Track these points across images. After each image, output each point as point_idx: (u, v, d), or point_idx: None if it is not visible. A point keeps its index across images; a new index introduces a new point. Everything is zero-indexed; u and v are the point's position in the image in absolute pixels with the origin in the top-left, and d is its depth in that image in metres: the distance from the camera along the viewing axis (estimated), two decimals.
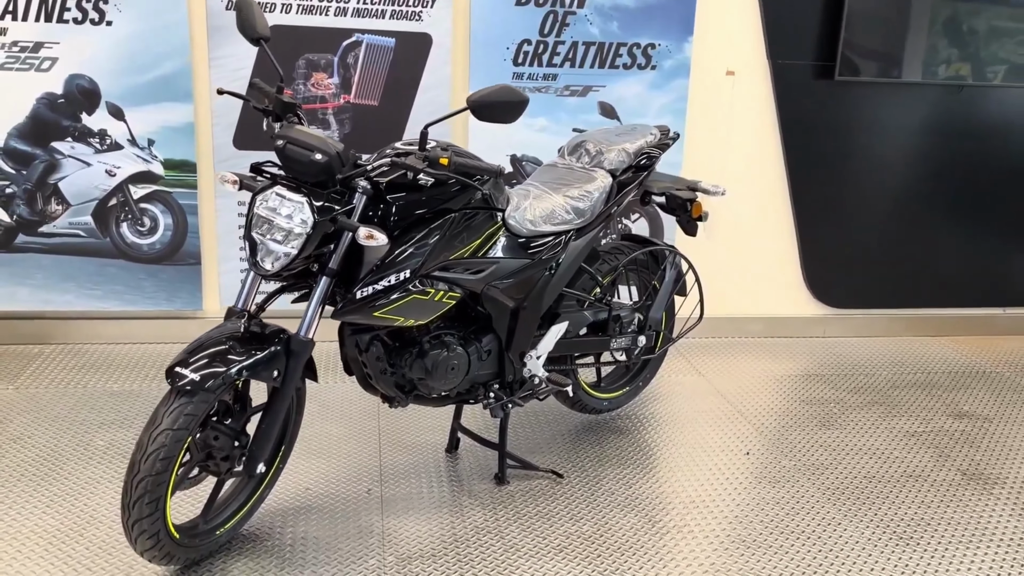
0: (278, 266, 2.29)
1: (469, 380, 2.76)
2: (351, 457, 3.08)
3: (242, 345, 2.29)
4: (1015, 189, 4.52)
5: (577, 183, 2.94)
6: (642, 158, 3.07)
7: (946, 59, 4.21)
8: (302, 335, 2.37)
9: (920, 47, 4.18)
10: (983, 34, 4.22)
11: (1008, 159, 4.47)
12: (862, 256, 4.47)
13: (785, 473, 3.11)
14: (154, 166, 3.81)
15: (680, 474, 3.07)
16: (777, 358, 4.23)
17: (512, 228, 2.72)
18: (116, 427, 3.22)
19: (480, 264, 2.63)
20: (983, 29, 4.22)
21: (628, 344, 3.20)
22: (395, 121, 3.90)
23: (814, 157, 4.29)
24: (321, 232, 2.28)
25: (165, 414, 2.15)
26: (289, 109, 2.47)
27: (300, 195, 2.27)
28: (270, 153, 3.92)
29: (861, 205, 4.40)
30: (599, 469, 3.07)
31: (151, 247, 3.89)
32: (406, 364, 2.63)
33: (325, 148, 2.26)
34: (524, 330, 2.82)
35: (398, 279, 2.42)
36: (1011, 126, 4.43)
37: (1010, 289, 4.69)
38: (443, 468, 3.04)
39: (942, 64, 4.22)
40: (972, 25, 4.20)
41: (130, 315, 3.96)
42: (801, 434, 3.42)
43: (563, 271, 2.87)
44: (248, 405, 2.44)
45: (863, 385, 3.94)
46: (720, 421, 3.50)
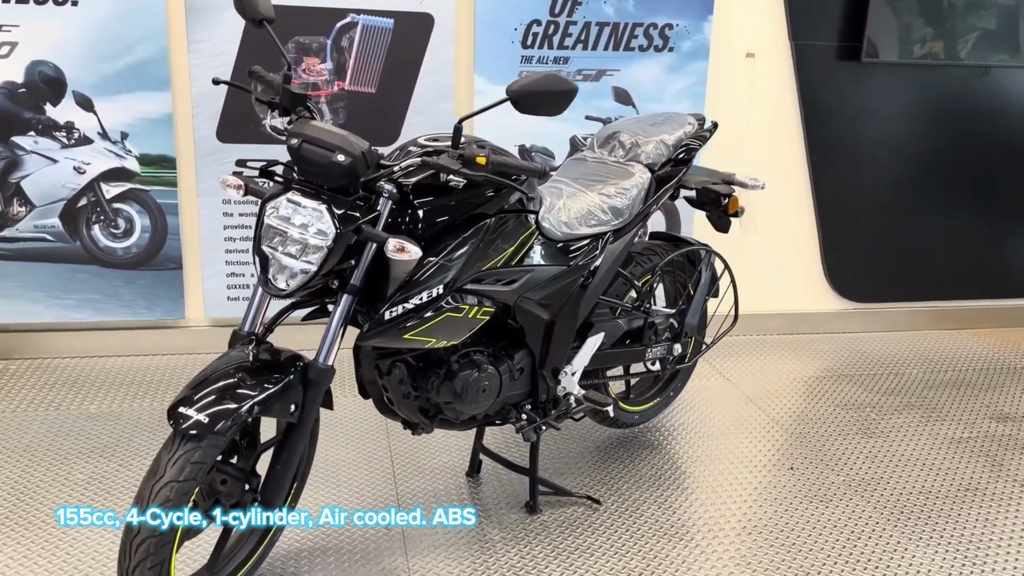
0: (295, 284, 1.98)
1: (500, 401, 2.48)
2: (364, 485, 2.78)
3: (253, 376, 1.97)
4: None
5: (613, 179, 2.65)
6: (681, 151, 2.79)
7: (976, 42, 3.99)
8: (321, 362, 2.06)
9: (950, 29, 3.95)
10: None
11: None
12: (884, 248, 4.25)
13: (835, 490, 2.87)
14: (128, 162, 3.45)
15: (725, 495, 2.81)
16: (801, 357, 4.00)
17: (546, 232, 2.43)
18: (97, 456, 2.88)
19: (514, 273, 2.34)
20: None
21: (663, 353, 2.94)
22: (394, 110, 3.58)
23: (837, 144, 4.05)
24: (344, 245, 1.97)
25: (168, 463, 1.84)
26: (299, 101, 2.14)
27: (318, 202, 1.96)
28: (260, 147, 3.66)
29: (884, 194, 4.17)
30: (637, 492, 2.81)
31: (127, 251, 3.54)
32: (432, 387, 2.33)
33: (348, 147, 1.94)
34: (559, 344, 2.53)
35: (430, 296, 2.12)
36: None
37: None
38: (466, 495, 2.75)
39: (968, 45, 3.99)
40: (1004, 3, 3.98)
41: (105, 326, 3.60)
42: (843, 444, 3.19)
43: (600, 277, 2.59)
44: (257, 441, 2.13)
45: (895, 386, 3.72)
46: (755, 431, 3.25)
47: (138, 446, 2.95)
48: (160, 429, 3.06)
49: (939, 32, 3.95)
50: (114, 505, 2.61)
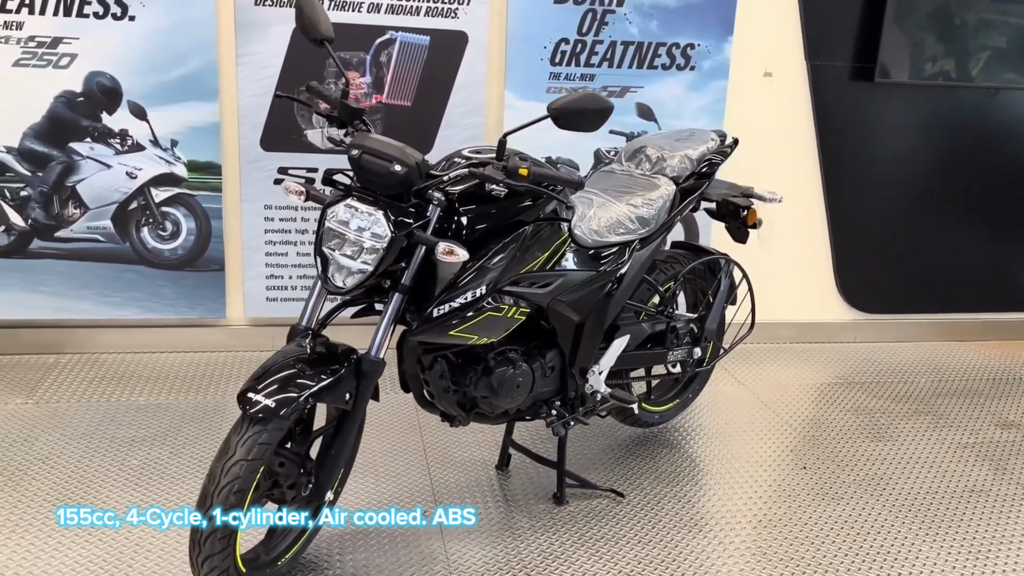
0: (352, 283, 2.15)
1: (532, 397, 2.65)
2: (400, 476, 2.95)
3: (311, 367, 2.15)
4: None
5: (640, 191, 2.83)
6: (704, 165, 2.97)
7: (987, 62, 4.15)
8: (373, 355, 2.23)
9: (961, 50, 4.11)
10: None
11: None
12: (895, 261, 4.41)
13: (846, 489, 3.02)
14: (177, 168, 3.64)
15: (741, 491, 2.97)
16: (812, 365, 4.16)
17: (578, 239, 2.61)
18: (148, 444, 3.05)
19: (548, 277, 2.51)
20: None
21: (684, 356, 3.10)
22: (428, 122, 3.76)
23: (850, 160, 4.21)
24: (397, 247, 2.15)
25: (238, 443, 2.01)
26: (356, 115, 2.32)
27: (375, 208, 2.14)
28: (300, 155, 3.85)
29: (895, 209, 4.34)
30: (658, 487, 2.97)
31: (172, 253, 3.72)
32: (471, 382, 2.50)
33: (405, 159, 2.12)
34: (588, 345, 2.70)
35: (474, 295, 2.30)
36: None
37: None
38: (497, 487, 2.92)
39: (982, 67, 4.16)
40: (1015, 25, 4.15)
41: (149, 323, 3.79)
42: (853, 446, 3.35)
43: (628, 283, 2.76)
44: (311, 428, 2.30)
45: (904, 393, 3.88)
46: (769, 433, 3.41)
47: (186, 436, 3.12)
48: (204, 420, 3.24)
49: (951, 52, 4.11)
50: (167, 490, 2.78)
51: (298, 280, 3.83)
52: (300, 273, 3.83)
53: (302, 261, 3.82)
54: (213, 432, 3.16)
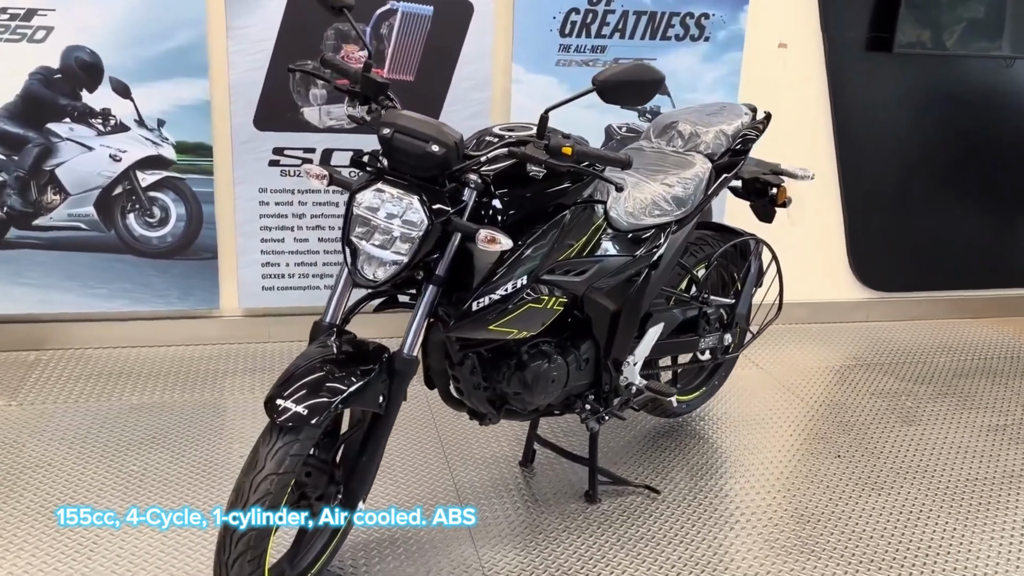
0: (385, 276, 1.96)
1: (566, 392, 2.48)
2: (421, 475, 2.77)
3: (341, 368, 1.96)
4: None
5: (674, 169, 2.66)
6: (739, 141, 2.80)
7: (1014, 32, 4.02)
8: (406, 352, 2.05)
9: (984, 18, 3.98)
10: None
11: None
12: (908, 238, 4.30)
13: (884, 477, 2.91)
14: (164, 150, 3.40)
15: (778, 483, 2.84)
16: (829, 345, 4.04)
17: (613, 222, 2.43)
18: (147, 447, 2.85)
19: (584, 264, 2.34)
20: None
21: (715, 343, 2.95)
22: (432, 97, 3.55)
23: (865, 134, 4.08)
24: (435, 236, 1.96)
25: (268, 456, 1.82)
26: (381, 90, 2.12)
27: (409, 193, 1.94)
28: (297, 135, 3.61)
29: (909, 184, 4.22)
30: (692, 481, 2.83)
31: (162, 240, 3.49)
32: (503, 378, 2.33)
33: (443, 138, 1.92)
34: (624, 334, 2.54)
35: (514, 287, 2.11)
36: None
37: None
38: (523, 485, 2.76)
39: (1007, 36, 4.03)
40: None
41: (139, 315, 3.56)
42: (884, 431, 3.23)
43: (664, 267, 2.60)
44: (338, 433, 2.12)
45: (925, 374, 3.77)
46: (796, 419, 3.29)
47: (187, 437, 2.92)
48: (203, 420, 3.04)
49: (972, 21, 3.97)
50: (172, 496, 2.59)
51: (295, 268, 3.62)
52: (298, 260, 3.61)
53: (299, 247, 3.60)
54: (214, 432, 2.96)
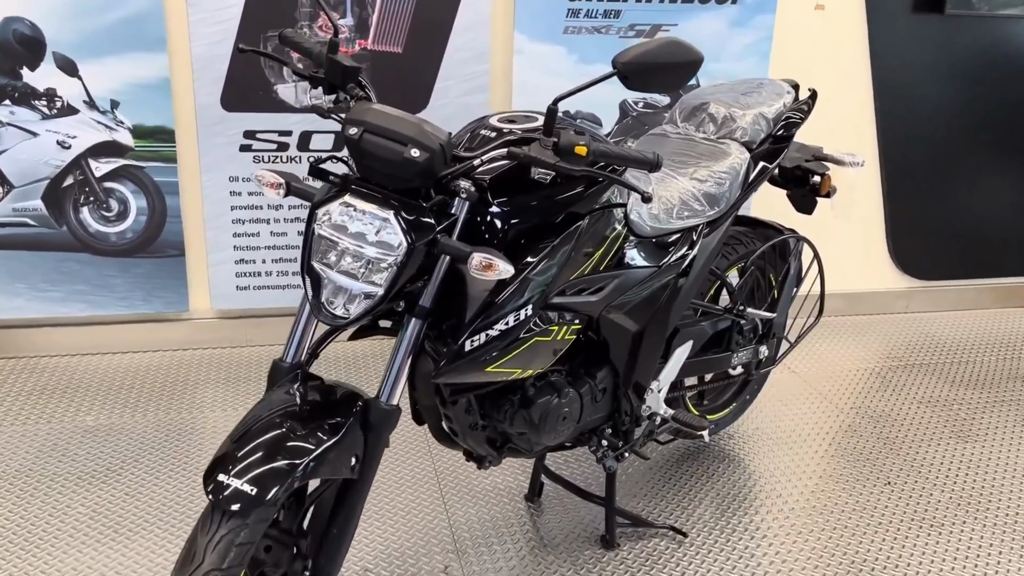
0: (357, 311, 1.57)
1: (580, 428, 2.11)
2: (411, 515, 2.41)
3: (304, 425, 1.58)
4: None
5: (705, 161, 2.25)
6: (781, 126, 2.39)
7: None
8: (384, 401, 1.67)
9: None
10: None
11: None
12: (952, 221, 3.88)
13: (943, 511, 2.54)
14: (120, 134, 3.00)
15: (823, 520, 2.47)
16: (867, 342, 3.65)
17: (634, 226, 2.04)
18: (99, 483, 2.49)
19: (601, 280, 1.95)
20: None
21: (749, 357, 2.57)
22: (423, 72, 3.13)
23: (909, 107, 3.65)
24: (417, 260, 1.57)
25: (208, 547, 1.45)
26: (351, 76, 1.72)
27: (383, 207, 1.55)
28: (271, 116, 3.19)
29: (957, 161, 3.79)
30: (723, 519, 2.46)
31: (121, 236, 3.10)
32: (505, 417, 1.95)
33: (425, 140, 1.52)
34: (648, 358, 2.15)
35: (516, 319, 1.73)
36: None
37: None
38: (529, 525, 2.40)
39: None
40: None
41: (98, 320, 3.18)
42: (937, 451, 2.86)
43: (694, 278, 2.20)
44: (304, 494, 1.74)
45: (976, 377, 3.39)
46: (837, 436, 2.91)
47: (146, 468, 2.56)
48: (168, 445, 2.68)
49: None
50: (122, 546, 2.23)
51: (272, 264, 3.23)
52: (275, 256, 3.22)
53: (276, 242, 3.21)
54: (178, 462, 2.59)
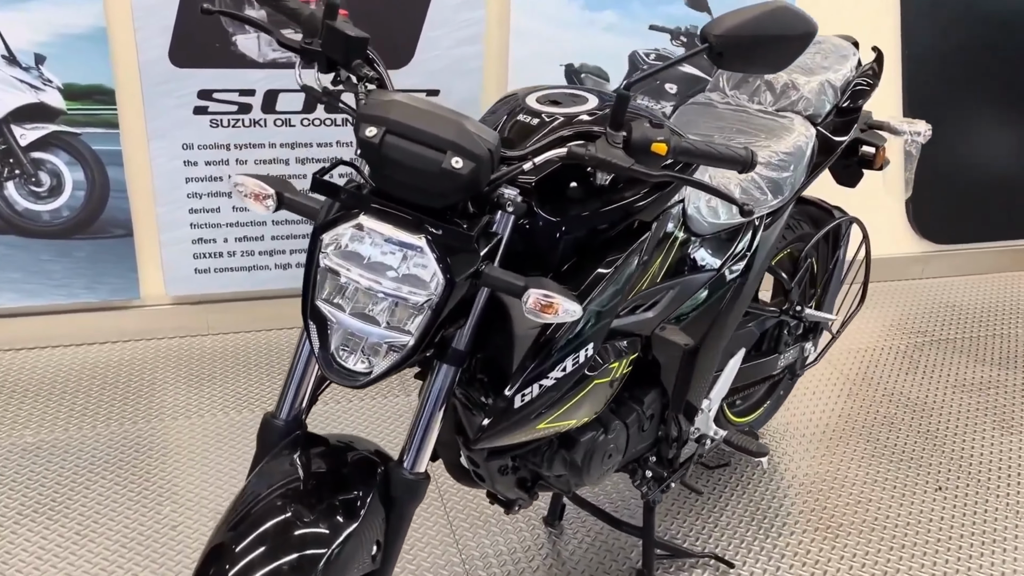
0: (383, 367, 1.21)
1: (624, 461, 1.79)
2: (416, 549, 2.08)
3: (313, 508, 1.23)
4: None
5: (765, 139, 1.90)
6: (848, 96, 2.04)
7: None
8: (409, 468, 1.32)
9: None
10: None
11: None
12: (975, 179, 3.61)
13: (1001, 521, 2.30)
14: (48, 95, 2.53)
15: (876, 537, 2.21)
16: (888, 312, 3.39)
17: (693, 224, 1.69)
18: (44, 518, 2.11)
19: (657, 293, 1.61)
20: None
21: (795, 356, 2.27)
22: (406, 20, 2.69)
23: (939, 56, 3.32)
24: (457, 298, 1.20)
25: None
26: (357, 49, 1.31)
27: (412, 232, 1.17)
28: (230, 72, 2.72)
29: (983, 115, 3.50)
30: (768, 541, 2.18)
31: (56, 215, 2.65)
32: (543, 460, 1.62)
33: (470, 145, 1.13)
34: (703, 374, 1.83)
35: (576, 362, 1.38)
36: None
37: None
38: (553, 557, 2.09)
39: None
40: None
41: (32, 311, 2.75)
42: (982, 446, 2.61)
43: (754, 277, 1.87)
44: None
45: (1009, 353, 3.15)
46: (875, 430, 2.65)
47: (99, 496, 2.18)
48: (125, 465, 2.30)
49: None
50: None
51: (236, 244, 2.82)
52: (238, 234, 2.81)
53: (240, 218, 2.80)
54: (138, 484, 2.22)
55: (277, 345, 2.91)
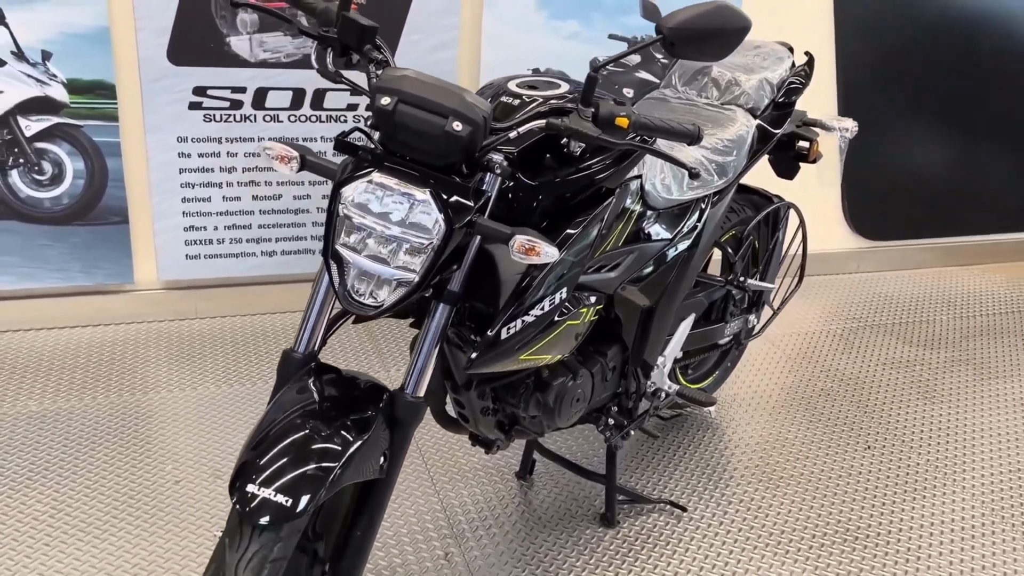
0: (391, 299, 1.43)
1: (589, 407, 2.03)
2: (401, 501, 2.30)
3: (328, 425, 1.44)
4: None
5: (711, 128, 2.17)
6: (783, 92, 2.32)
7: None
8: (410, 394, 1.54)
9: None
10: None
11: None
12: (905, 180, 3.94)
13: (923, 476, 2.58)
14: (53, 89, 2.71)
15: (813, 488, 2.48)
16: (826, 303, 3.69)
17: (649, 199, 1.94)
18: (54, 476, 2.28)
19: (618, 256, 1.86)
20: None
21: (740, 326, 2.53)
22: (388, 23, 2.93)
23: (871, 62, 3.65)
24: (455, 243, 1.44)
25: (240, 566, 1.31)
26: (368, 37, 1.55)
27: (419, 186, 1.40)
28: (224, 71, 2.92)
29: (912, 121, 3.83)
30: (717, 490, 2.43)
31: (56, 202, 2.83)
32: (520, 401, 1.85)
33: (468, 112, 1.37)
34: (658, 333, 2.08)
35: (552, 303, 1.62)
36: None
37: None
38: (525, 505, 2.32)
39: None
40: None
41: (30, 293, 2.91)
42: (908, 412, 2.91)
43: (703, 249, 2.13)
44: None
45: (934, 336, 3.46)
46: (813, 400, 2.93)
47: (104, 457, 2.36)
48: (125, 429, 2.48)
49: None
50: (92, 545, 2.04)
51: (225, 232, 3.01)
52: (228, 223, 3.00)
53: (229, 207, 2.99)
54: (139, 448, 2.40)
55: (262, 328, 3.10)
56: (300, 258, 3.11)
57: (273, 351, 2.95)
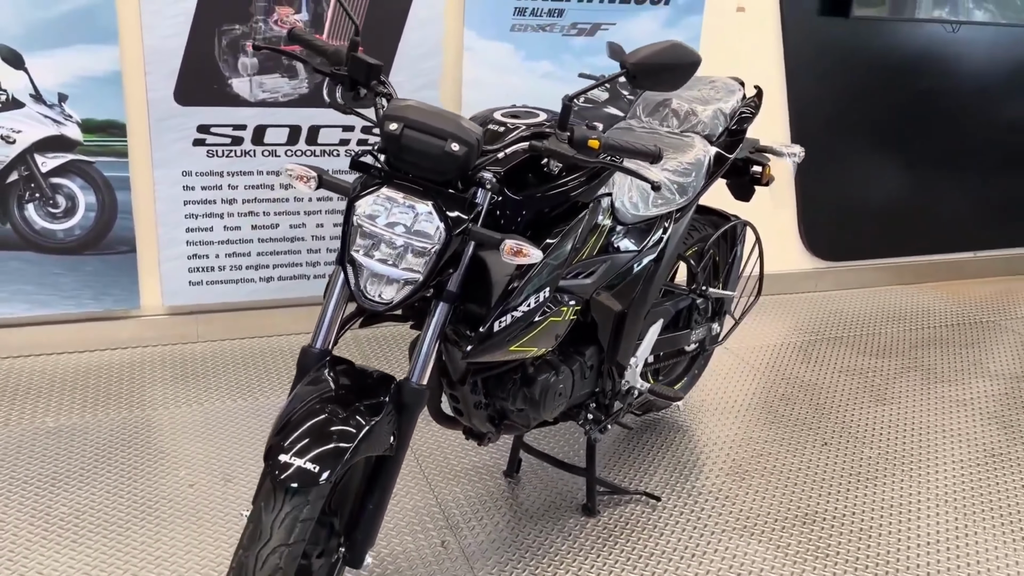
0: (400, 296, 1.67)
1: (569, 403, 2.26)
2: (399, 496, 2.50)
3: (344, 408, 1.66)
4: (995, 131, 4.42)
5: (672, 153, 2.43)
6: (735, 121, 2.60)
7: None
8: (415, 382, 1.77)
9: None
10: None
11: (995, 102, 4.35)
12: (856, 205, 4.25)
13: (874, 467, 2.83)
14: (68, 129, 2.93)
15: (775, 479, 2.71)
16: (786, 319, 3.96)
17: (619, 215, 2.20)
18: (75, 483, 2.46)
19: (593, 264, 2.10)
20: None
21: (704, 333, 2.78)
22: None
23: (818, 101, 3.97)
24: (453, 248, 1.67)
25: (275, 524, 1.52)
26: (374, 74, 1.80)
27: (422, 199, 1.64)
28: (226, 110, 3.16)
29: (860, 152, 4.15)
30: (688, 483, 2.66)
31: (69, 233, 3.03)
32: (508, 395, 2.08)
33: (463, 135, 1.62)
34: (629, 336, 2.32)
35: (536, 301, 1.86)
36: (999, 68, 4.29)
37: (978, 234, 4.64)
38: (513, 499, 2.53)
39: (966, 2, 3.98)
40: None
41: (45, 320, 3.10)
42: (861, 413, 3.16)
43: (667, 261, 2.38)
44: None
45: (884, 347, 3.74)
46: (774, 404, 3.17)
47: (121, 466, 2.54)
48: (136, 442, 2.66)
49: None
50: (116, 543, 2.23)
51: (226, 259, 3.23)
52: (228, 251, 3.22)
53: (230, 236, 3.21)
54: (153, 458, 2.59)
55: (260, 349, 3.31)
56: (296, 283, 3.33)
57: (272, 370, 3.15)
